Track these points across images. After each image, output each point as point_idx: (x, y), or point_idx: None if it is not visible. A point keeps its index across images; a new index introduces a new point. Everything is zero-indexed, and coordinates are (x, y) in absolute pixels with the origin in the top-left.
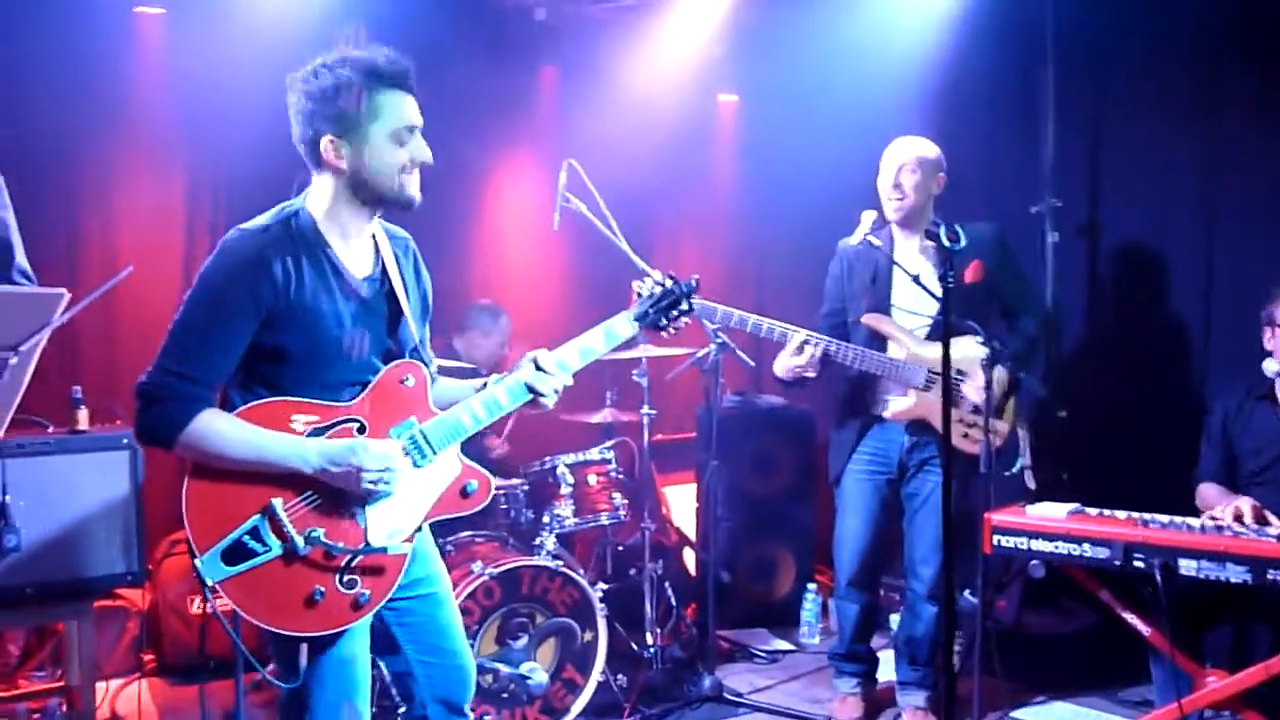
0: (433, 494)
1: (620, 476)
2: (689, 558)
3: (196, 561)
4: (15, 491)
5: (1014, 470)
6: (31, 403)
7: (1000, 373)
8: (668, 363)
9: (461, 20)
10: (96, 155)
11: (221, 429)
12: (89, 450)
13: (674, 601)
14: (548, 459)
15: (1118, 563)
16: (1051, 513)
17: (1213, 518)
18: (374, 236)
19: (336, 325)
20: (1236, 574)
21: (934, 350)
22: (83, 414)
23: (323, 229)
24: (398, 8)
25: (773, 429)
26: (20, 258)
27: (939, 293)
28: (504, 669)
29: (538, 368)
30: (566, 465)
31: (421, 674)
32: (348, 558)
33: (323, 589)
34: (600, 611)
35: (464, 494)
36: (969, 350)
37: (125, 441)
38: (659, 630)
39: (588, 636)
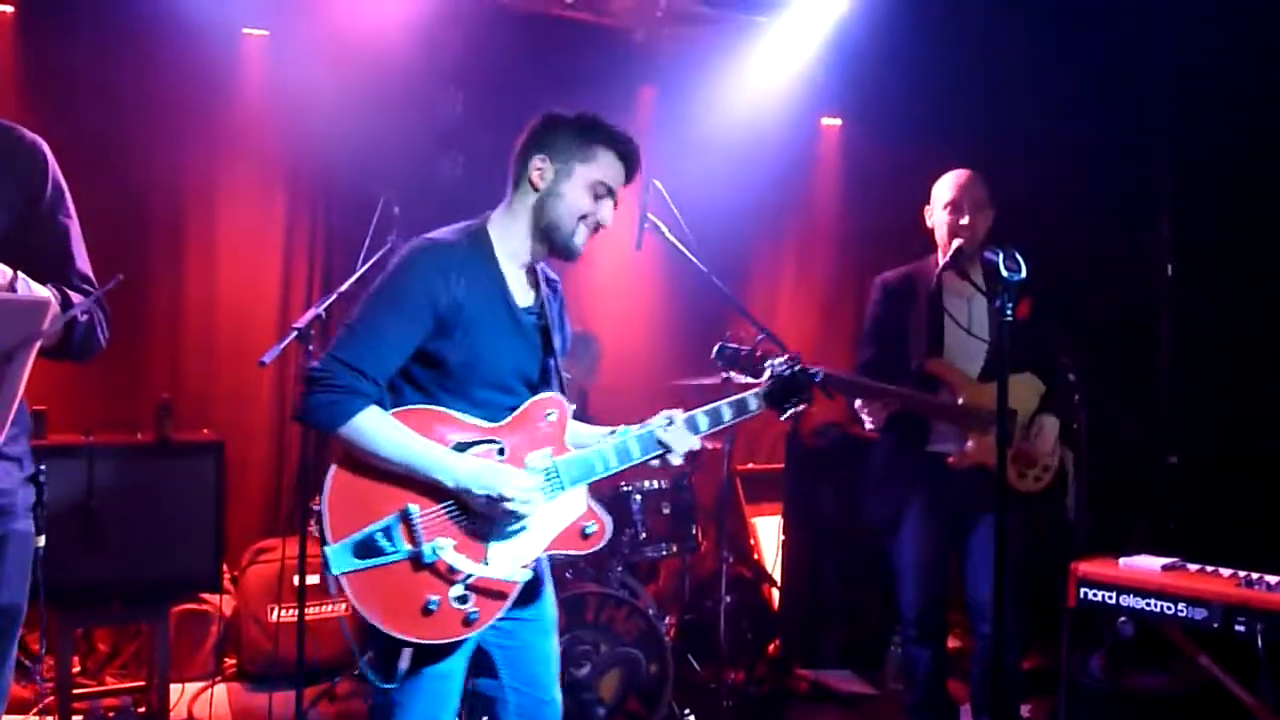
0: (555, 528)
1: (698, 506)
2: (773, 591)
3: (326, 549)
4: (100, 495)
5: (1069, 502)
6: (123, 409)
7: (1052, 423)
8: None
9: (559, 42)
10: (201, 173)
11: (381, 428)
12: (175, 456)
13: (750, 636)
14: (623, 485)
15: (1216, 625)
16: (1145, 565)
17: None
18: (538, 271)
19: (496, 345)
20: None
21: (989, 392)
22: (170, 421)
23: (498, 250)
24: (496, 31)
25: (864, 461)
26: (81, 264)
27: (993, 332)
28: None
29: (670, 423)
30: (641, 492)
31: (513, 701)
32: (466, 575)
33: (438, 599)
34: (667, 644)
35: (584, 535)
36: (1025, 389)
37: (211, 449)
38: (732, 666)
39: (654, 669)
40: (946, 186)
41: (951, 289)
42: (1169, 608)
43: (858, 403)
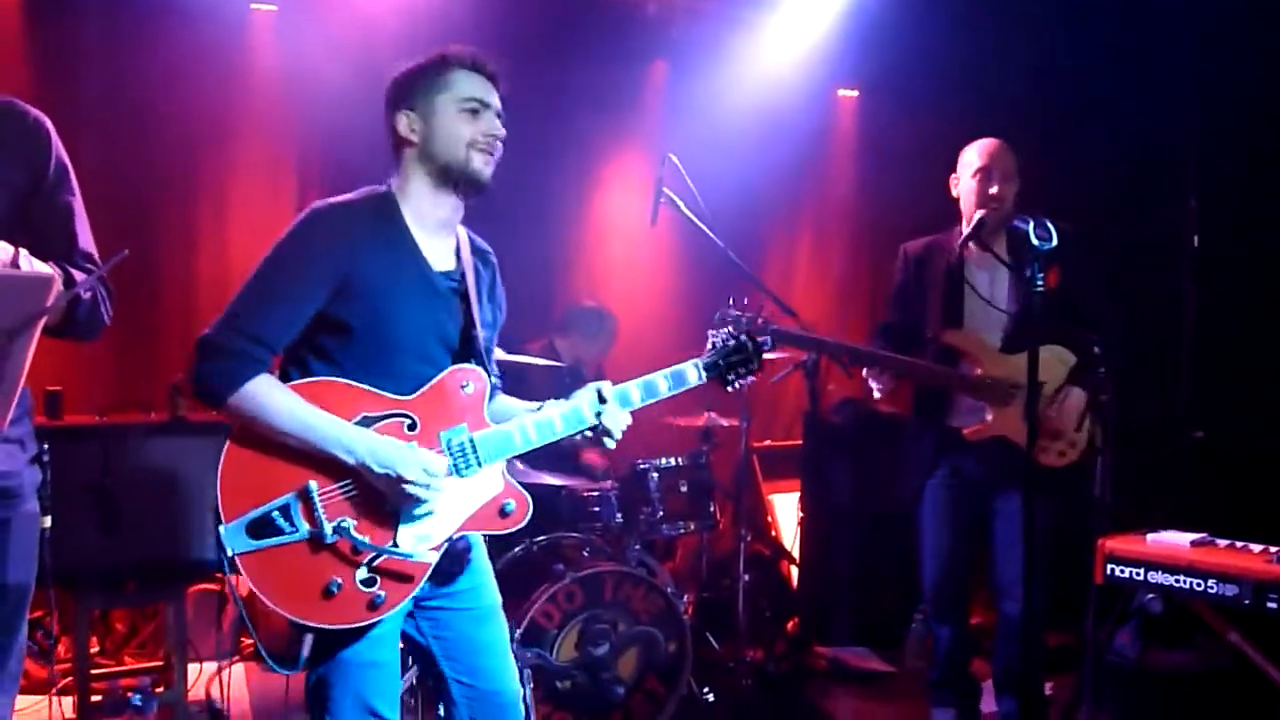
0: (470, 507)
1: (715, 483)
2: (792, 569)
3: (220, 528)
4: (116, 475)
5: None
6: (138, 388)
7: (1078, 393)
8: (774, 366)
9: (571, 15)
10: (212, 151)
11: (275, 397)
12: (190, 435)
13: (769, 614)
14: (640, 462)
15: (1247, 602)
16: (1174, 541)
17: None
18: (456, 238)
19: (405, 307)
20: None
21: (1011, 363)
22: (184, 401)
23: (404, 211)
24: (507, 5)
25: (884, 438)
26: (85, 243)
27: (1017, 303)
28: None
29: (601, 399)
30: (658, 470)
31: (460, 696)
32: (371, 555)
33: (340, 582)
34: (686, 623)
35: (502, 513)
36: (1053, 361)
37: (226, 428)
38: (750, 644)
39: (672, 648)
40: (977, 153)
41: (973, 260)
42: (1199, 584)
43: (865, 371)
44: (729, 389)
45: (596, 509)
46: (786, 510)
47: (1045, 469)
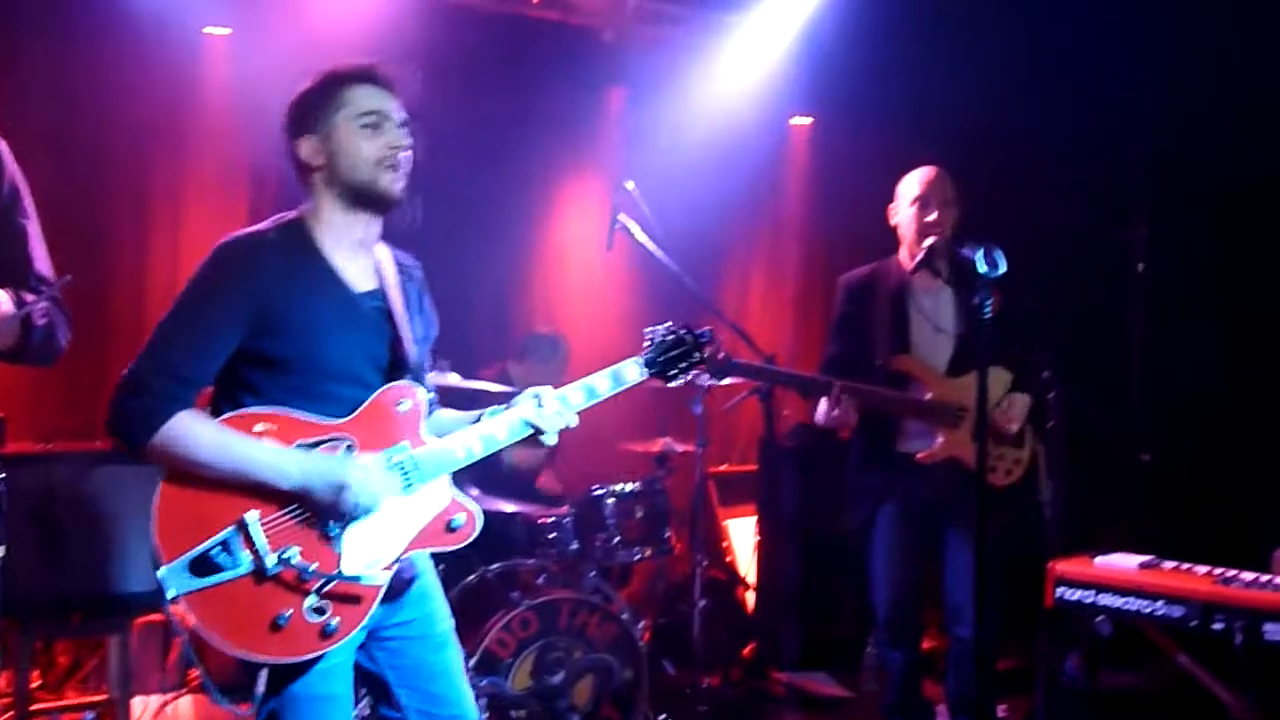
0: (416, 525)
1: (671, 508)
2: (748, 593)
3: (159, 570)
4: (61, 504)
5: (1044, 499)
6: (86, 416)
7: (1022, 400)
8: (730, 392)
9: (527, 40)
10: (164, 175)
11: (199, 433)
12: (137, 464)
13: (725, 639)
14: (596, 488)
15: (1194, 623)
16: (1122, 564)
17: None
18: (377, 255)
19: (329, 334)
20: None
21: (958, 386)
22: None
23: (317, 237)
24: (462, 30)
25: (838, 462)
26: (40, 266)
27: (961, 326)
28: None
29: (539, 404)
30: (614, 495)
31: None
32: (319, 583)
33: (289, 613)
34: (642, 649)
35: (449, 528)
36: (994, 381)
37: None
38: (707, 670)
39: (628, 675)
40: (914, 183)
41: (917, 285)
42: (1147, 606)
43: (821, 405)
44: (671, 384)
45: (552, 535)
46: (742, 535)
47: (994, 489)
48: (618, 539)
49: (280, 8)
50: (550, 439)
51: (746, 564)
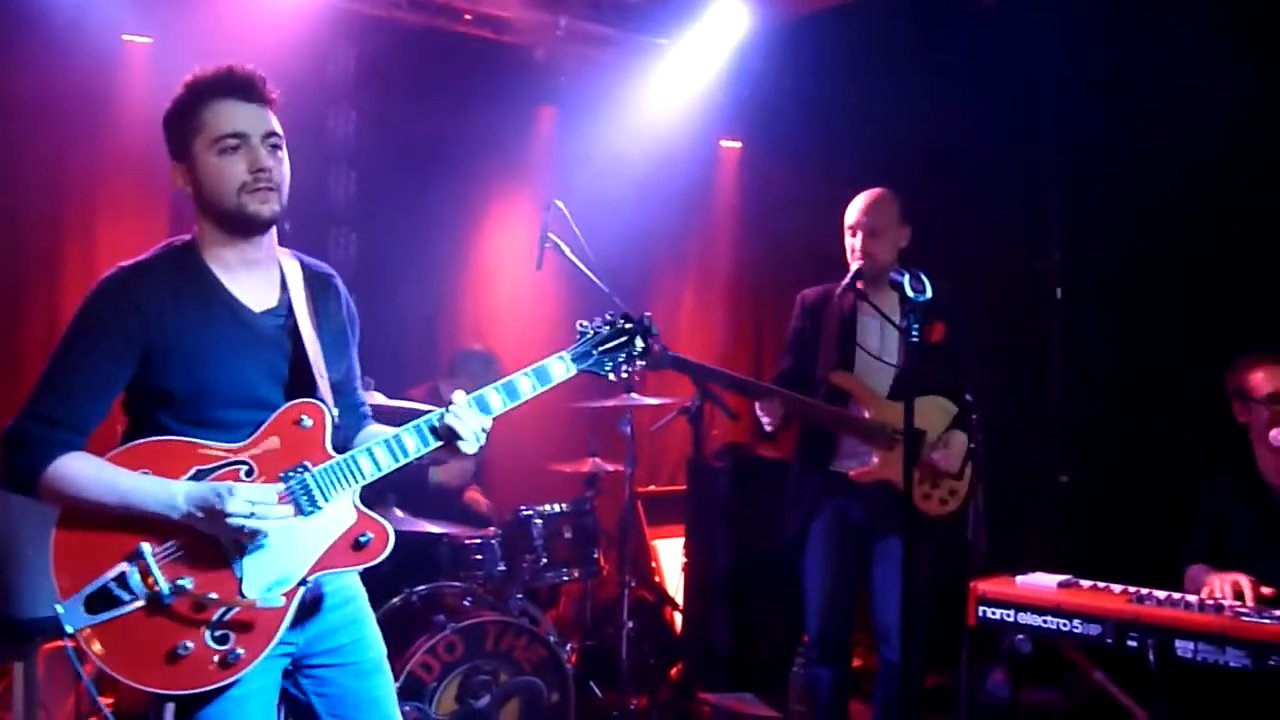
0: (321, 545)
1: (599, 529)
2: (676, 614)
3: (58, 607)
4: None
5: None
6: None
7: (960, 437)
8: (659, 412)
9: (458, 58)
10: (80, 189)
11: (84, 474)
12: None
13: (652, 661)
14: (523, 508)
15: (1110, 641)
16: (1042, 583)
17: (1211, 595)
18: (281, 269)
19: (222, 360)
20: (1236, 659)
21: (897, 410)
22: None
23: (207, 259)
24: (392, 46)
25: (766, 483)
26: None
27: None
28: None
29: (450, 407)
30: (541, 516)
31: None
32: (219, 611)
33: (190, 644)
34: (569, 672)
35: (356, 546)
36: (934, 411)
37: None
38: (634, 691)
39: (555, 698)
40: (850, 209)
41: (865, 309)
42: (1064, 624)
43: (756, 406)
44: (610, 377)
45: (478, 557)
46: (671, 555)
47: (928, 517)
48: (545, 560)
49: (203, 17)
50: (468, 447)
51: (674, 584)
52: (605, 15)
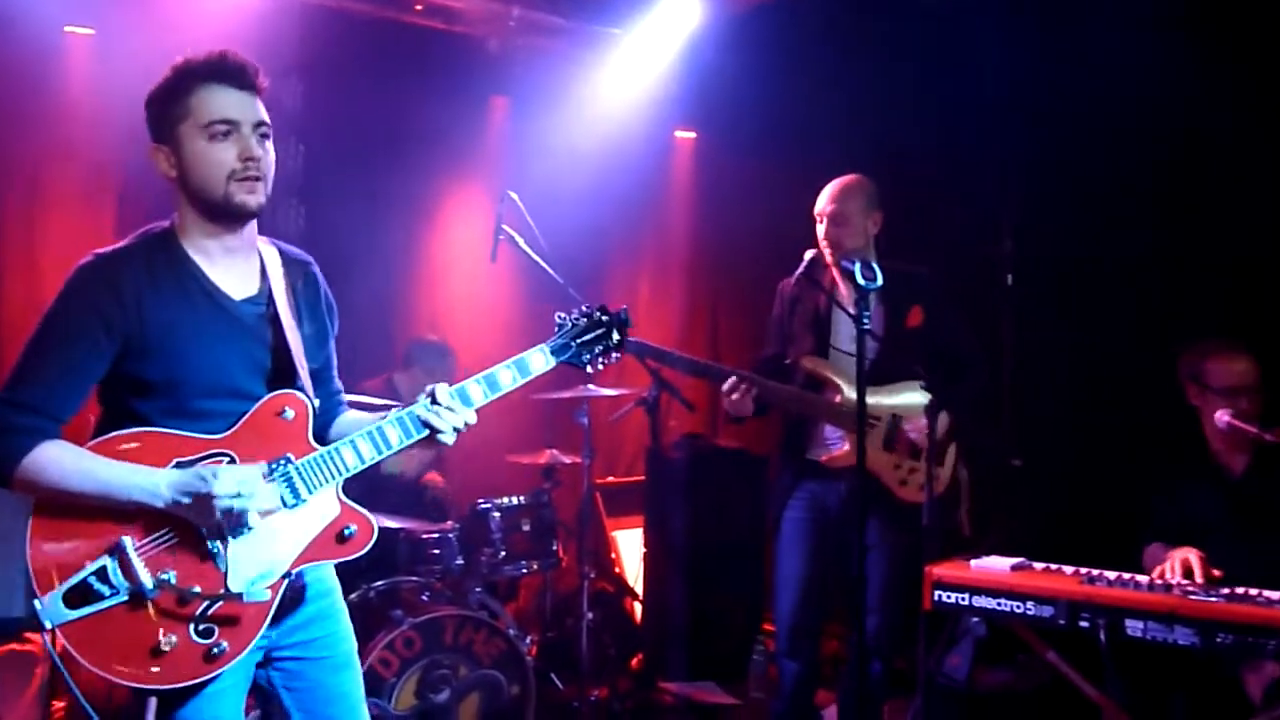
0: (305, 537)
1: (557, 521)
2: (636, 605)
3: (36, 603)
4: None
5: (959, 519)
6: None
7: (943, 418)
8: (616, 403)
9: (410, 48)
10: (24, 182)
11: (62, 462)
12: None
13: (613, 651)
14: (481, 502)
15: (1062, 621)
16: (996, 566)
17: (1161, 575)
18: (261, 258)
19: (201, 349)
20: (1184, 636)
21: (874, 394)
22: None
23: (186, 247)
24: (342, 37)
25: (725, 473)
26: None
27: (883, 334)
28: None
29: (434, 401)
30: (499, 509)
31: None
32: (203, 604)
33: (174, 638)
34: (529, 664)
35: (341, 538)
36: (911, 396)
37: None
38: (595, 682)
39: (515, 690)
40: (820, 197)
41: (842, 296)
42: (1018, 607)
43: (727, 400)
44: (588, 369)
45: (436, 551)
46: (630, 546)
47: (906, 504)
48: (503, 553)
49: (147, 7)
50: (447, 438)
51: (634, 575)
52: (558, 5)
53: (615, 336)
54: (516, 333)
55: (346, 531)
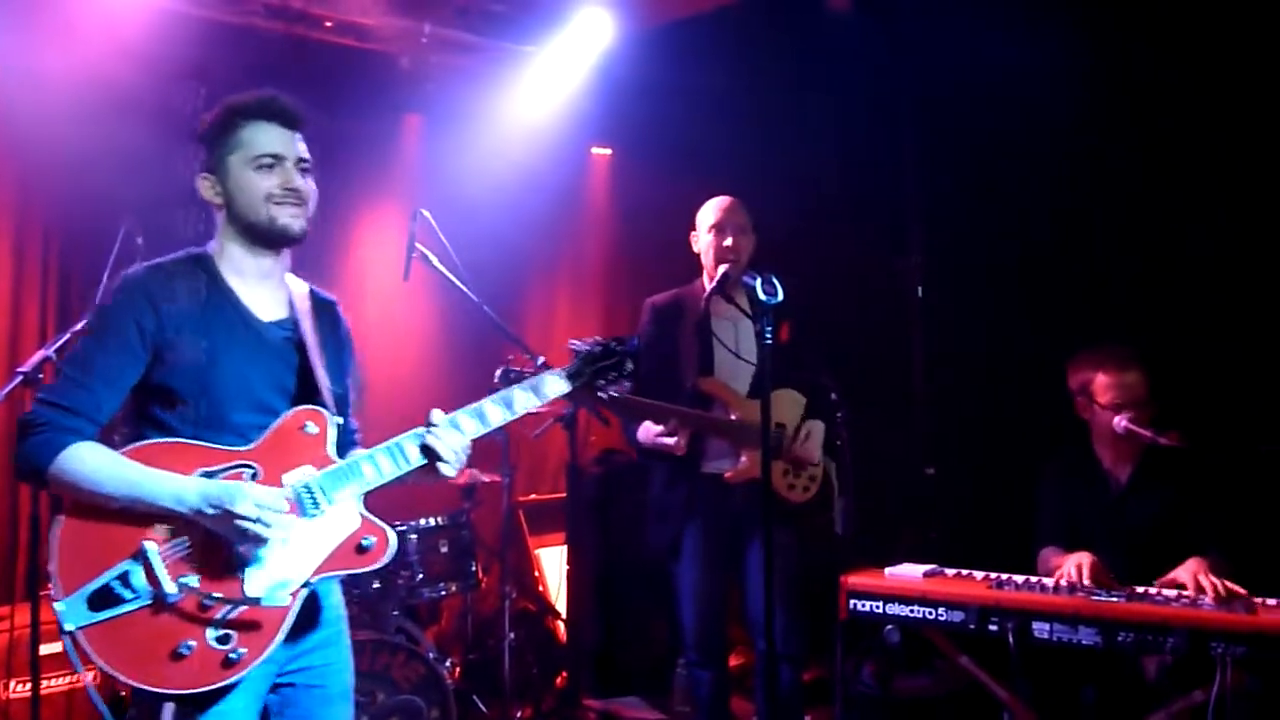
0: (325, 548)
1: (477, 541)
2: (560, 623)
3: (58, 605)
4: None
5: (835, 513)
6: None
7: (818, 426)
8: (535, 421)
9: (321, 67)
10: None
11: (96, 461)
12: None
13: (536, 670)
14: (398, 524)
15: (973, 626)
16: (908, 574)
17: (1064, 577)
18: (290, 290)
19: (228, 363)
20: (1088, 636)
21: (759, 408)
22: None
23: (221, 268)
24: (248, 52)
25: (642, 487)
26: None
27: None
28: None
29: (429, 424)
30: (417, 531)
31: None
32: (223, 610)
33: (192, 643)
34: (449, 687)
35: (360, 549)
36: (790, 405)
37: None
38: (519, 703)
39: (435, 715)
40: (710, 211)
41: (719, 312)
42: (930, 613)
43: (649, 430)
44: (600, 394)
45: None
46: (554, 564)
47: (791, 504)
48: (421, 575)
49: (48, 26)
50: (450, 470)
51: (558, 593)
52: (471, 23)
53: (628, 365)
54: (431, 352)
55: (365, 543)
